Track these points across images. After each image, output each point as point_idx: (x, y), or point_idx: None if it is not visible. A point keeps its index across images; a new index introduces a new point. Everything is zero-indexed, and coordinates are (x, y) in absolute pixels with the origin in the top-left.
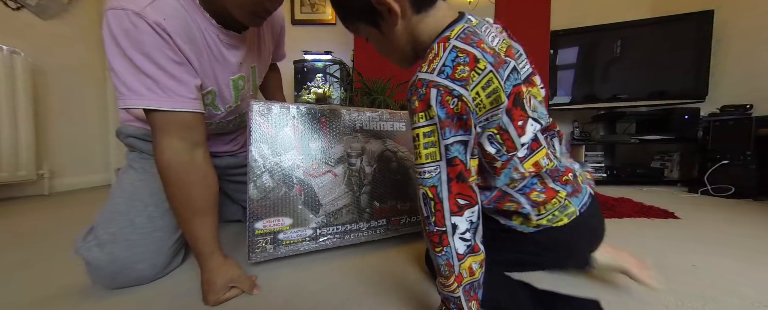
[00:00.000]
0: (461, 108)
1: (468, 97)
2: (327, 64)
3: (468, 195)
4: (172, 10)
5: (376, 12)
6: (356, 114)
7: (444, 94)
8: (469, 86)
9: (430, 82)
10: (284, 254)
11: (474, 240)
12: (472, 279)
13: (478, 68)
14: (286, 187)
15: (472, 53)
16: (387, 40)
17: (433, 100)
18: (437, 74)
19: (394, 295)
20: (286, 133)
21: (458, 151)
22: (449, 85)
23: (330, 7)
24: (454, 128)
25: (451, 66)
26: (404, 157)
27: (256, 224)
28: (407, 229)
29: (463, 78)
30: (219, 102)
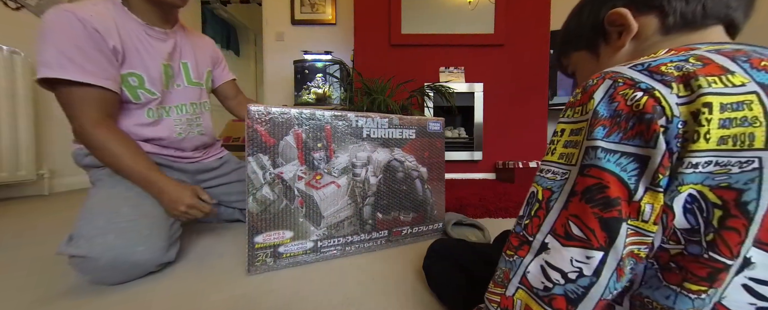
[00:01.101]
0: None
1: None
2: (327, 64)
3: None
4: (101, 10)
5: (603, 33)
6: (364, 121)
7: (622, 86)
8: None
9: (609, 74)
10: (284, 266)
11: (554, 292)
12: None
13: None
14: (287, 199)
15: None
16: (601, 64)
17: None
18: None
19: (393, 296)
20: (287, 143)
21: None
22: (636, 77)
23: (330, 6)
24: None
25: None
26: (411, 167)
27: (256, 238)
28: (408, 240)
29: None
30: (149, 85)
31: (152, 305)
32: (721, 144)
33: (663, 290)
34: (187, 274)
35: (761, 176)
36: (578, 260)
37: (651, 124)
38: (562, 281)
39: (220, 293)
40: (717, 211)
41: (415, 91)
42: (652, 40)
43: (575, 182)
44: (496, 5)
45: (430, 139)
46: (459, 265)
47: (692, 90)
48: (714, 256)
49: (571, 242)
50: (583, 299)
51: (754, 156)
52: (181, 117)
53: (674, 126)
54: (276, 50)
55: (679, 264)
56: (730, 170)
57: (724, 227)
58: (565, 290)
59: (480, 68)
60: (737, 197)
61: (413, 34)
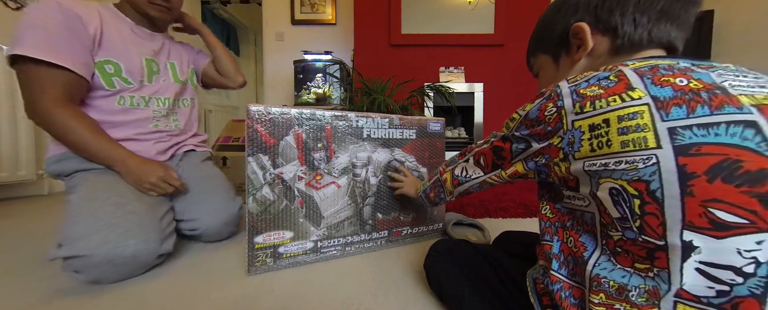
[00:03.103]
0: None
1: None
2: (327, 64)
3: None
4: (89, 4)
5: (566, 44)
6: (365, 121)
7: (549, 100)
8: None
9: (552, 86)
10: (284, 267)
11: (456, 176)
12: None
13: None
14: (287, 200)
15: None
16: (560, 74)
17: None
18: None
19: (393, 296)
20: (287, 143)
21: None
22: (562, 94)
23: (330, 6)
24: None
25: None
26: (412, 167)
27: (256, 238)
28: (408, 240)
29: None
30: (127, 74)
31: (152, 305)
32: (625, 147)
33: (619, 271)
34: (187, 274)
35: (659, 168)
36: (474, 170)
37: (545, 132)
38: (462, 174)
39: (220, 292)
40: (636, 200)
41: (415, 91)
42: (602, 58)
43: (496, 140)
44: (496, 5)
45: (430, 140)
46: (460, 265)
47: (594, 108)
48: (645, 238)
49: (476, 165)
50: (464, 183)
51: (651, 154)
52: (161, 109)
53: (568, 136)
54: (276, 50)
55: (624, 248)
56: (638, 166)
57: (644, 212)
58: (460, 178)
59: (480, 68)
60: (647, 187)
61: (413, 34)
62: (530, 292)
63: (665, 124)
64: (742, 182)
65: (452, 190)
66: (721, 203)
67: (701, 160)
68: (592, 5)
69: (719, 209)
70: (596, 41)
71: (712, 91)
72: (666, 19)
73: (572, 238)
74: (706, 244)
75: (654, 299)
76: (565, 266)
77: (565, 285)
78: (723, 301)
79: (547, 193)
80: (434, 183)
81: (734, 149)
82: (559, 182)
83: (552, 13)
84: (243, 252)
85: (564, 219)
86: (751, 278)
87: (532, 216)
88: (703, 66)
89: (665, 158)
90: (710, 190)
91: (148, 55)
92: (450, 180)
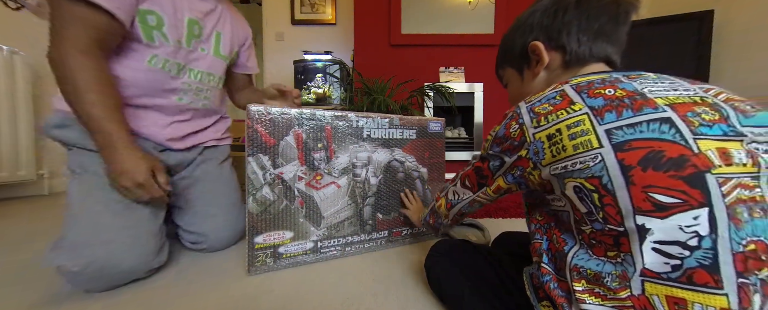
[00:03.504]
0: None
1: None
2: (327, 64)
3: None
4: None
5: (526, 59)
6: (365, 121)
7: (512, 119)
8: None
9: (514, 109)
10: (284, 267)
11: (449, 199)
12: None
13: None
14: (287, 200)
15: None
16: (524, 85)
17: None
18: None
19: (393, 296)
20: (287, 143)
21: None
22: (521, 113)
23: (330, 6)
24: None
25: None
26: (411, 167)
27: (256, 238)
28: (408, 240)
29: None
30: (167, 30)
31: (152, 305)
32: (576, 150)
33: (594, 261)
34: (187, 274)
35: (605, 164)
36: (463, 191)
37: (513, 147)
38: (454, 197)
39: (220, 292)
40: (594, 194)
41: (415, 91)
42: (556, 71)
43: (476, 161)
44: (496, 5)
45: (430, 140)
46: (460, 265)
47: (548, 121)
48: (609, 227)
49: (463, 187)
50: (455, 205)
51: (596, 153)
52: (193, 84)
53: (532, 147)
54: (276, 50)
55: (596, 239)
56: (589, 165)
57: (603, 204)
58: (452, 201)
59: (480, 68)
60: (600, 181)
61: (413, 34)
62: (527, 286)
63: (602, 127)
64: (667, 167)
65: (447, 213)
66: (657, 188)
67: (633, 153)
68: (543, 26)
69: (657, 193)
70: (551, 57)
71: (633, 97)
72: (602, 38)
73: (556, 235)
74: (655, 225)
75: (625, 281)
76: (552, 261)
77: (553, 277)
78: (678, 274)
79: (533, 200)
80: (431, 210)
81: (656, 142)
82: (539, 188)
83: (512, 32)
84: (243, 252)
85: (550, 220)
86: (696, 251)
87: None
88: (632, 76)
89: (607, 154)
90: (646, 178)
91: (194, 15)
92: (444, 205)
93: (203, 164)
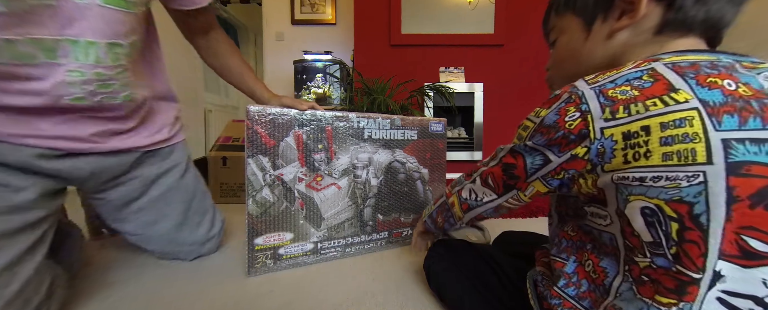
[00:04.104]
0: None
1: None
2: (327, 64)
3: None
4: None
5: (607, 5)
6: (366, 122)
7: (570, 103)
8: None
9: (569, 87)
10: (284, 268)
11: (467, 201)
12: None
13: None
14: (287, 201)
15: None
16: (587, 47)
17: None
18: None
19: (393, 297)
20: (287, 144)
21: None
22: (585, 97)
23: (330, 6)
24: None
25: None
26: (413, 168)
27: (256, 239)
28: (409, 242)
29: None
30: None
31: (152, 306)
32: (667, 160)
33: (636, 303)
34: (187, 274)
35: (707, 189)
36: (484, 192)
37: (566, 141)
38: (470, 197)
39: (220, 293)
40: (674, 224)
41: (415, 91)
42: (643, 36)
43: (505, 155)
44: (496, 5)
45: (432, 140)
46: (460, 265)
47: (630, 113)
48: (681, 269)
49: (484, 187)
50: (474, 208)
51: (698, 170)
52: (82, 67)
53: (596, 146)
54: (276, 50)
55: (651, 277)
56: (680, 185)
57: (683, 240)
58: (469, 202)
59: (480, 68)
60: (690, 210)
61: (413, 34)
62: (530, 294)
63: (719, 134)
64: None
65: (462, 215)
66: (757, 232)
67: (750, 182)
68: None
69: (753, 238)
70: (648, 10)
71: (763, 101)
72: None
73: (591, 262)
74: (731, 273)
75: None
76: (575, 287)
77: (567, 304)
78: None
79: (564, 209)
80: (440, 207)
81: None
82: (583, 197)
83: None
84: (243, 253)
85: (585, 240)
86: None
87: (532, 216)
88: (747, 64)
89: (715, 176)
90: (750, 216)
91: None
92: (458, 204)
93: (140, 173)
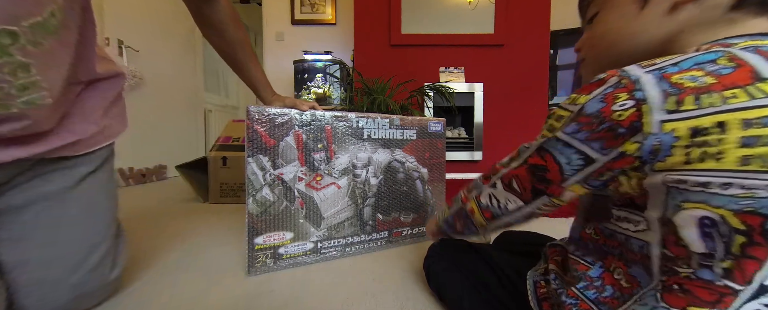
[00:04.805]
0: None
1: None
2: (327, 64)
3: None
4: None
5: None
6: (365, 122)
7: (621, 88)
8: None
9: (616, 71)
10: (284, 267)
11: (488, 208)
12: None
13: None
14: (287, 201)
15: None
16: (637, 23)
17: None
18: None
19: (393, 296)
20: (287, 144)
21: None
22: (641, 81)
23: (330, 6)
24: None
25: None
26: (412, 167)
27: (256, 239)
28: (408, 241)
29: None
30: None
31: (152, 305)
32: (745, 164)
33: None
34: (187, 274)
35: None
36: (508, 198)
37: (617, 137)
38: (492, 204)
39: (220, 293)
40: (739, 237)
41: (415, 91)
42: (713, 12)
43: (531, 154)
44: (496, 5)
45: (431, 140)
46: (459, 265)
47: (701, 105)
48: (728, 283)
49: (508, 191)
50: (500, 217)
51: None
52: None
53: (651, 141)
54: (276, 50)
55: (685, 287)
56: (756, 194)
57: (745, 254)
58: (492, 210)
59: (480, 68)
60: (763, 223)
61: (413, 34)
62: (530, 296)
63: None
64: None
65: (485, 223)
66: None
67: None
68: None
69: None
70: None
71: None
72: None
73: (620, 269)
74: None
75: None
76: (596, 291)
77: (583, 305)
78: None
79: (591, 206)
80: (458, 213)
81: None
82: (618, 198)
83: None
84: (243, 253)
85: (613, 245)
86: None
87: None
88: None
89: None
90: None
91: None
92: (478, 211)
93: (28, 189)
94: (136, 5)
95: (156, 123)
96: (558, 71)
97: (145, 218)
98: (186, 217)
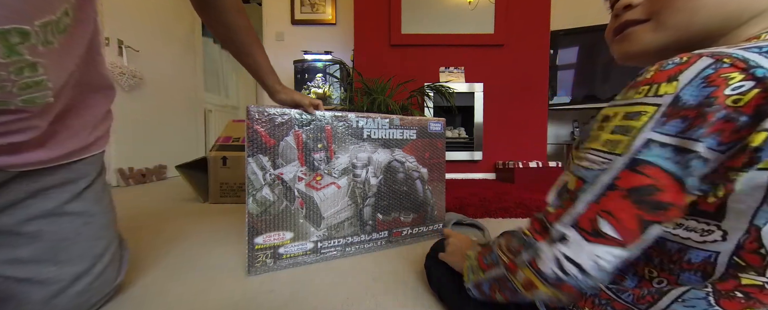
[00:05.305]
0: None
1: None
2: (327, 64)
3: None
4: None
5: None
6: (365, 122)
7: (727, 68)
8: None
9: (706, 53)
10: (284, 267)
11: (566, 282)
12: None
13: None
14: (287, 201)
15: None
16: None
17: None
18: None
19: (393, 297)
20: (287, 144)
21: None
22: (751, 60)
23: (330, 6)
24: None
25: None
26: (412, 167)
27: (256, 239)
28: (409, 241)
29: None
30: None
31: (152, 305)
32: None
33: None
34: (187, 274)
35: None
36: (600, 257)
37: (739, 129)
38: (578, 275)
39: (220, 293)
40: None
41: (415, 91)
42: None
43: (618, 175)
44: (496, 5)
45: (431, 140)
46: None
47: None
48: None
49: (599, 240)
50: (580, 285)
51: None
52: None
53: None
54: (276, 50)
55: (750, 295)
56: None
57: None
58: (578, 283)
59: (480, 68)
60: None
61: (413, 34)
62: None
63: None
64: None
65: (562, 297)
66: None
67: None
68: None
69: None
70: None
71: None
72: None
73: (665, 279)
74: None
75: None
76: (633, 295)
77: (617, 305)
78: None
79: None
80: (499, 281)
81: None
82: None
83: None
84: (243, 252)
85: (649, 252)
86: None
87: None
88: None
89: None
90: None
91: None
92: (541, 282)
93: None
94: (136, 5)
95: (156, 123)
96: (558, 71)
97: (145, 218)
98: (186, 217)
